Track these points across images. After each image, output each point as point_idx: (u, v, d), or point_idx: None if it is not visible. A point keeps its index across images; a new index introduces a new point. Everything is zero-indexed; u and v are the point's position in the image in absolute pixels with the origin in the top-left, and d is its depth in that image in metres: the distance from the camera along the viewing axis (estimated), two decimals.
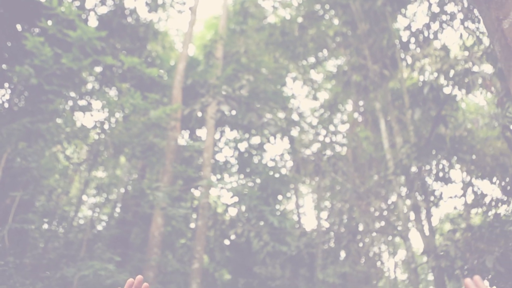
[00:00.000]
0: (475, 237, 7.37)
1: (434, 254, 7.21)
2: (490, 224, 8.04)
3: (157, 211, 8.01)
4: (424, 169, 8.10)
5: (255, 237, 8.65)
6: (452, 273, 7.34)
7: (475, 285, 0.82)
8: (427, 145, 8.24)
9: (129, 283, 1.14)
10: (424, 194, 8.45)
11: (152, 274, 7.70)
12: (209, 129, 9.57)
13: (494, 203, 9.51)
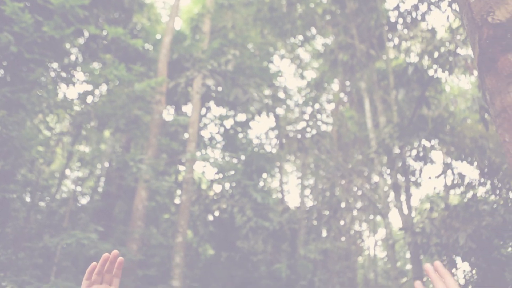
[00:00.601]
0: (451, 216, 7.63)
1: (411, 231, 7.45)
2: (466, 204, 8.32)
3: (141, 184, 8.01)
4: (406, 148, 8.27)
5: (239, 212, 8.77)
6: (427, 249, 7.62)
7: (435, 270, 0.79)
8: (409, 125, 8.38)
9: (104, 258, 1.08)
10: (405, 173, 8.64)
11: (136, 246, 7.76)
12: (195, 105, 9.50)
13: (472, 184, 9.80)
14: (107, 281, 1.09)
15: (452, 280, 0.77)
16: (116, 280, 1.11)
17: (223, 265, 9.85)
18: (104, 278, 1.09)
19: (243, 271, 9.72)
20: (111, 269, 1.09)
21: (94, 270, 1.07)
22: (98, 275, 1.07)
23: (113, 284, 1.10)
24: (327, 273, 10.74)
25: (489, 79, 1.85)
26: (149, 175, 6.82)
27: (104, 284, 1.09)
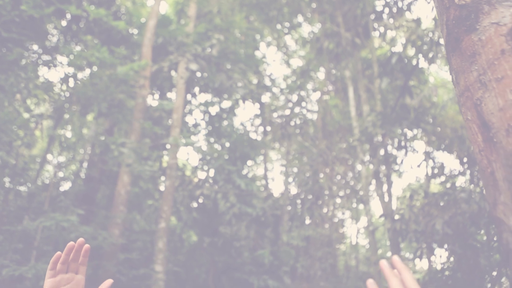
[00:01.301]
0: (429, 203, 7.80)
1: (391, 217, 7.61)
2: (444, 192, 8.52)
3: (123, 169, 7.95)
4: (388, 137, 8.38)
5: (222, 198, 8.79)
6: (406, 235, 7.80)
7: (391, 266, 0.79)
8: (392, 114, 8.49)
9: (69, 247, 1.04)
10: (386, 161, 8.78)
11: (118, 231, 7.73)
12: (179, 90, 9.41)
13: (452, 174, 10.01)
14: (73, 270, 1.07)
15: (410, 275, 0.75)
16: (82, 268, 1.08)
17: (206, 251, 9.91)
18: (70, 267, 1.07)
19: (226, 256, 9.80)
20: (76, 257, 1.06)
21: (58, 260, 1.04)
22: (63, 264, 1.05)
23: (79, 272, 1.08)
24: (309, 259, 10.91)
25: (454, 59, 1.89)
26: (132, 159, 6.77)
27: (70, 273, 1.06)
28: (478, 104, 1.72)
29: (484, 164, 1.66)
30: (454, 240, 7.69)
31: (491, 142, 1.63)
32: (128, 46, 9.61)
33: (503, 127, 1.57)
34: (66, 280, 1.05)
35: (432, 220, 7.31)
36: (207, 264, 10.03)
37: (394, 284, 0.73)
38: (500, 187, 1.58)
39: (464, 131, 9.76)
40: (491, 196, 1.61)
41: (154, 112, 9.64)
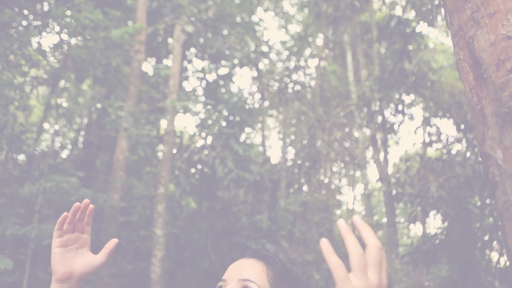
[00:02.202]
0: (425, 167, 7.90)
1: (387, 181, 7.73)
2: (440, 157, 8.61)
3: (122, 135, 7.98)
4: (385, 102, 8.38)
5: (220, 164, 8.88)
6: (401, 199, 7.95)
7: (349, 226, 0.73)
8: (390, 78, 8.44)
9: (75, 207, 1.07)
10: (383, 126, 8.81)
11: (117, 196, 7.86)
12: (175, 56, 9.30)
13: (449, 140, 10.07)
14: (78, 229, 1.10)
15: (369, 232, 0.70)
16: (87, 228, 1.12)
17: (205, 216, 10.10)
18: (76, 227, 1.10)
19: (224, 221, 10.00)
20: (82, 217, 1.09)
21: (65, 220, 1.07)
22: (69, 224, 1.08)
23: (85, 232, 1.11)
24: (306, 224, 11.15)
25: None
26: (129, 124, 6.78)
27: (76, 233, 1.10)
28: (470, 42, 1.72)
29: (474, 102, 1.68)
30: (448, 203, 7.85)
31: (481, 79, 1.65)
32: (122, 10, 9.40)
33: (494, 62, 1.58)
34: (73, 240, 1.09)
35: (427, 184, 7.42)
36: (205, 229, 10.25)
37: (349, 242, 0.68)
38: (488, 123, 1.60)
39: (462, 97, 9.75)
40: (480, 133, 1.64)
41: (150, 79, 9.56)
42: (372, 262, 0.68)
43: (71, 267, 1.08)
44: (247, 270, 1.10)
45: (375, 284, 0.67)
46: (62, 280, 1.07)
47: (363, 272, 0.67)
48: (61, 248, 1.07)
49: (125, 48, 7.37)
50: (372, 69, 9.61)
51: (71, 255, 1.08)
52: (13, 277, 6.52)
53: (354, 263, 0.67)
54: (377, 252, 0.68)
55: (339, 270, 0.67)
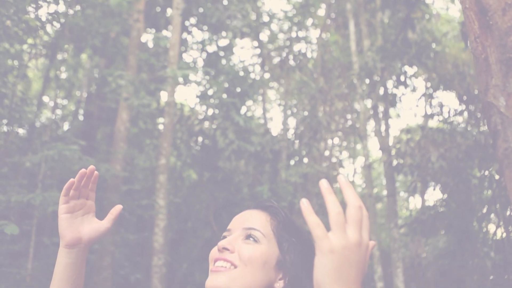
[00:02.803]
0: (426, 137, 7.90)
1: (388, 151, 7.75)
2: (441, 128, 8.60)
3: (122, 106, 7.95)
4: (387, 72, 8.29)
5: (221, 135, 8.89)
6: (401, 169, 8.00)
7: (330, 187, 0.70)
8: (393, 48, 8.32)
9: (81, 173, 1.08)
10: (385, 97, 8.76)
11: (119, 167, 7.92)
12: (175, 26, 9.14)
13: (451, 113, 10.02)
14: (84, 195, 1.12)
15: (351, 191, 0.68)
16: (92, 194, 1.13)
17: (206, 188, 10.21)
18: (81, 193, 1.11)
19: (226, 193, 10.11)
20: (87, 184, 1.11)
21: (72, 186, 1.08)
22: (75, 190, 1.09)
23: (90, 198, 1.13)
24: (307, 195, 11.27)
25: None
26: (129, 93, 6.75)
27: (82, 199, 1.11)
28: None
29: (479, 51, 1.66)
30: (448, 174, 7.89)
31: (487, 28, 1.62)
32: None
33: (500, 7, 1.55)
34: (79, 206, 1.11)
35: (427, 154, 7.44)
36: (207, 200, 10.38)
37: (329, 201, 0.68)
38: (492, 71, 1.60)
39: (465, 68, 9.64)
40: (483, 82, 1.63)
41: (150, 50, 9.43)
42: (352, 220, 0.67)
43: (79, 233, 1.09)
44: (251, 220, 1.12)
45: (354, 241, 0.67)
46: (71, 246, 1.09)
47: (342, 230, 0.67)
48: (68, 214, 1.09)
49: (124, 16, 7.24)
50: (374, 39, 9.46)
51: (78, 221, 1.10)
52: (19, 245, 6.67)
53: (332, 221, 0.67)
54: (357, 210, 0.67)
55: (317, 229, 0.67)
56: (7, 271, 5.93)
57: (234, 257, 1.05)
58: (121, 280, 8.89)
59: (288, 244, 1.09)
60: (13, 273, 5.92)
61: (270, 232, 1.09)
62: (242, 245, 1.07)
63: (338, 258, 0.66)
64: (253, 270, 1.03)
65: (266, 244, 1.07)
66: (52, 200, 5.18)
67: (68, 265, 1.10)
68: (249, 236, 1.08)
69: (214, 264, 1.08)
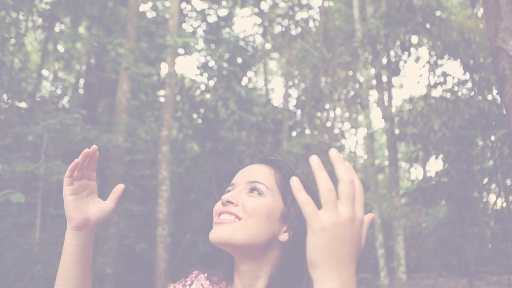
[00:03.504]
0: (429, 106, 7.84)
1: (390, 119, 7.70)
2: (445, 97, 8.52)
3: (122, 77, 7.88)
4: (391, 39, 8.13)
5: (223, 106, 8.84)
6: (403, 138, 7.98)
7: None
8: (397, 14, 8.13)
9: (85, 154, 1.07)
10: (388, 65, 8.63)
11: (121, 138, 7.92)
12: None
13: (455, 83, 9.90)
14: (86, 176, 1.11)
15: (343, 167, 0.65)
16: (93, 174, 1.12)
17: (209, 159, 10.25)
18: (84, 174, 1.10)
19: (228, 164, 10.16)
20: (90, 164, 1.09)
21: (76, 167, 1.06)
22: (79, 171, 1.08)
23: (91, 179, 1.12)
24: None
25: None
26: (129, 62, 6.66)
27: (84, 180, 1.10)
28: None
29: None
30: (450, 143, 7.87)
31: None
32: None
33: None
34: (83, 186, 1.09)
35: (430, 122, 7.40)
36: (209, 171, 10.45)
37: (319, 178, 0.65)
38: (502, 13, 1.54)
39: (471, 35, 9.44)
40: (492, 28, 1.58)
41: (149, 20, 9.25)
42: (343, 196, 0.65)
43: (86, 214, 1.08)
44: (255, 173, 1.11)
45: (346, 217, 0.64)
46: (80, 227, 1.08)
47: (333, 206, 0.64)
48: (74, 195, 1.08)
49: None
50: (378, 5, 9.23)
51: (83, 202, 1.09)
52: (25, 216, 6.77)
53: (323, 198, 0.64)
54: (349, 185, 0.65)
55: (307, 206, 0.65)
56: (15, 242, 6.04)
57: (238, 210, 1.05)
58: (126, 250, 9.07)
59: (292, 197, 1.08)
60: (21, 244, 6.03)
61: (274, 185, 1.09)
62: (246, 198, 1.06)
63: (330, 235, 0.64)
64: (257, 222, 1.03)
65: (270, 197, 1.07)
66: (56, 169, 5.20)
67: (78, 246, 1.09)
68: (253, 189, 1.07)
69: (218, 217, 1.07)
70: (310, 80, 8.03)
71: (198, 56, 9.38)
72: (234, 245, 1.03)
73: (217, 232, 1.02)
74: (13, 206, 7.20)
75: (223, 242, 1.02)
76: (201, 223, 11.07)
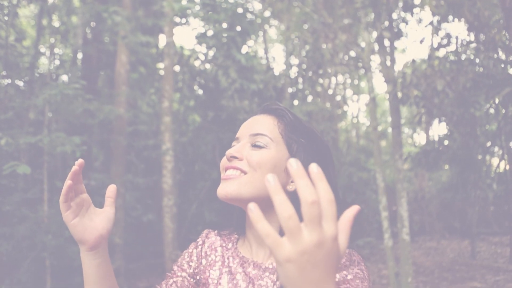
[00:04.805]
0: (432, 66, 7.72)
1: (393, 82, 7.61)
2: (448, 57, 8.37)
3: (120, 49, 7.77)
4: None
5: (223, 75, 8.75)
6: (406, 100, 7.92)
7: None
8: None
9: (74, 172, 1.01)
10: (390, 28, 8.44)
11: (123, 109, 7.90)
12: None
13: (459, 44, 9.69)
14: (78, 191, 1.06)
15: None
16: (82, 187, 1.07)
17: (211, 129, 10.24)
18: (75, 190, 1.05)
19: (230, 133, 10.14)
20: (79, 179, 1.04)
21: (70, 190, 1.01)
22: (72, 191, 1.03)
23: (82, 191, 1.07)
24: None
25: None
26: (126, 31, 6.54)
27: (77, 197, 1.05)
28: None
29: None
30: (453, 104, 7.81)
31: None
32: None
33: None
34: (79, 204, 1.05)
35: (433, 83, 7.31)
36: (212, 142, 10.46)
37: (301, 185, 0.57)
38: None
39: None
40: None
41: None
42: (306, 220, 0.58)
43: (97, 230, 1.04)
44: (257, 125, 1.09)
45: (314, 242, 0.58)
46: (96, 247, 1.04)
47: (296, 233, 0.58)
48: (77, 218, 1.03)
49: None
50: None
51: (87, 219, 1.05)
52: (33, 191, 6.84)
53: (283, 226, 0.57)
54: (310, 207, 0.57)
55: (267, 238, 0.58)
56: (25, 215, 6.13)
57: (243, 164, 1.05)
58: (134, 221, 9.23)
59: (297, 145, 1.07)
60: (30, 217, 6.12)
61: (278, 136, 1.07)
62: (250, 152, 1.06)
63: (298, 265, 0.58)
64: (263, 174, 1.02)
65: (275, 148, 1.05)
66: (59, 141, 5.22)
67: (100, 264, 1.06)
68: (256, 142, 1.06)
69: (224, 172, 1.07)
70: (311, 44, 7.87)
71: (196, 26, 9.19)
72: (241, 200, 1.03)
73: (224, 188, 1.03)
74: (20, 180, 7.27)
75: (230, 198, 1.02)
76: (206, 193, 11.19)
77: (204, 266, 1.18)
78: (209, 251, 1.20)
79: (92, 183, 7.31)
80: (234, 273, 1.11)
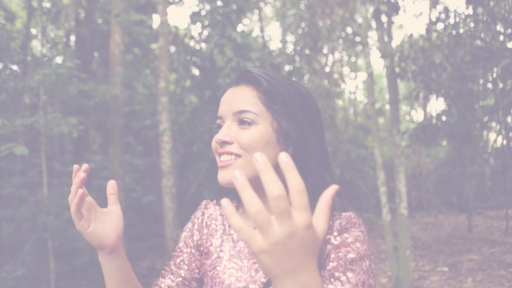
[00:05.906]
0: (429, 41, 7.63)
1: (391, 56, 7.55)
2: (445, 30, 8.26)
3: (114, 29, 7.63)
4: None
5: (219, 53, 8.65)
6: (404, 75, 7.87)
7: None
8: None
9: (82, 180, 0.99)
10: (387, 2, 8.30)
11: (118, 90, 7.83)
12: None
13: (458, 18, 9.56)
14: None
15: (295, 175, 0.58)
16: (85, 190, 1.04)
17: (208, 109, 10.20)
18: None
19: None
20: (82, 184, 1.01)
21: (83, 199, 1.01)
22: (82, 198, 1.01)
23: (85, 194, 1.05)
24: None
25: None
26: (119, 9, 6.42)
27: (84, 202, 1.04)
28: None
29: None
30: (451, 77, 7.76)
31: None
32: None
33: None
34: (89, 210, 1.04)
35: (431, 57, 7.25)
36: (210, 122, 10.44)
37: (266, 180, 0.57)
38: None
39: None
40: None
41: None
42: (276, 212, 0.58)
43: (112, 233, 1.04)
44: (238, 101, 1.03)
45: (284, 234, 0.59)
46: (115, 249, 1.04)
47: (268, 225, 0.59)
48: (91, 225, 1.02)
49: None
50: None
51: (100, 224, 1.04)
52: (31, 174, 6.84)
53: (253, 220, 0.59)
54: (276, 200, 0.57)
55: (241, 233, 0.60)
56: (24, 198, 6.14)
57: (235, 147, 1.02)
58: (135, 202, 9.28)
59: (280, 112, 1.02)
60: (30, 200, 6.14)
61: (262, 107, 1.02)
62: (238, 132, 1.02)
63: (272, 255, 0.60)
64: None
65: (262, 122, 1.01)
66: (55, 122, 5.18)
67: (120, 265, 1.06)
68: (242, 120, 1.02)
69: (219, 158, 1.05)
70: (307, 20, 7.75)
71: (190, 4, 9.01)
72: None
73: (223, 176, 1.02)
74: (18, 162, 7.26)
75: (231, 184, 1.01)
76: (204, 173, 11.23)
77: (206, 236, 1.19)
78: (209, 221, 1.21)
79: (91, 165, 7.30)
80: (236, 240, 1.12)
